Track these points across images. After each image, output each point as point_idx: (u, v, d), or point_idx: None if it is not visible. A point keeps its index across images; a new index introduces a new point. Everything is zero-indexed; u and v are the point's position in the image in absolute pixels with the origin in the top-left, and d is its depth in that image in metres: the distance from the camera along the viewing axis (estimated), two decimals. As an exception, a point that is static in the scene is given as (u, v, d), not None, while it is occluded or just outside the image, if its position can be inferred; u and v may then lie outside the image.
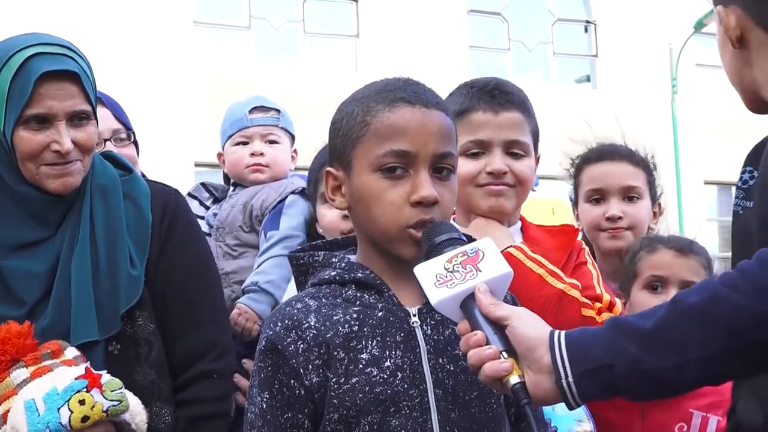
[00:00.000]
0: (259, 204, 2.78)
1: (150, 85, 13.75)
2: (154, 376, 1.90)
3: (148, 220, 1.96)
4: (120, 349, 1.89)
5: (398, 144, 1.47)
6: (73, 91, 1.87)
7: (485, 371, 1.32)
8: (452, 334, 1.49)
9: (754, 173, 1.77)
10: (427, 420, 1.44)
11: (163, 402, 1.90)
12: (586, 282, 1.98)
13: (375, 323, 1.48)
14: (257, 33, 15.67)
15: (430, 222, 1.46)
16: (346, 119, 1.53)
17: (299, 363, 1.45)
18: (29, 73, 1.82)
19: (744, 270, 1.30)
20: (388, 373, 1.44)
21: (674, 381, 1.28)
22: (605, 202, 2.56)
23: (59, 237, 1.93)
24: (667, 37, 16.75)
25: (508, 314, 1.34)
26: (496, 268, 1.38)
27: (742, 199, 1.76)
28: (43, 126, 1.86)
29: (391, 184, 1.47)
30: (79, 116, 1.89)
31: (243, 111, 2.92)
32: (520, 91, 2.03)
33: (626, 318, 1.34)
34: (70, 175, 1.89)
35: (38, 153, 1.86)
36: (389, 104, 1.49)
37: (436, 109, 1.51)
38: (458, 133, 1.98)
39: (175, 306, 1.95)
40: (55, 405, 1.71)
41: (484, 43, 16.92)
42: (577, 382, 1.29)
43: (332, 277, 1.53)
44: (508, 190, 1.98)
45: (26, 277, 1.90)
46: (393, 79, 1.56)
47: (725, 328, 1.26)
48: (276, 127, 2.91)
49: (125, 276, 1.90)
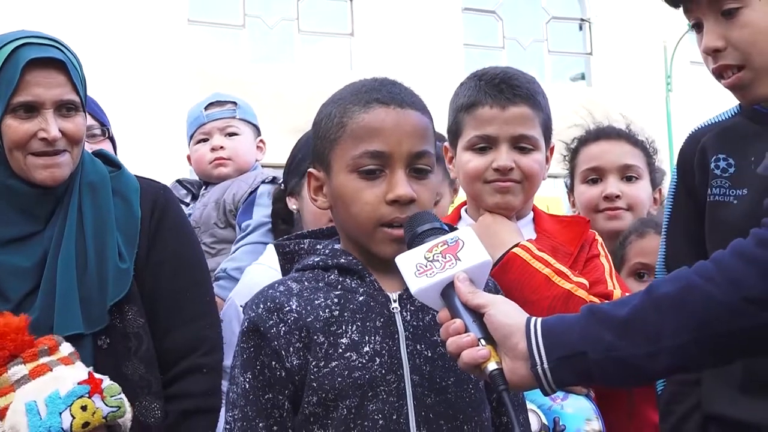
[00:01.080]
0: (230, 198, 2.81)
1: (144, 84, 13.73)
2: (143, 371, 1.91)
3: (137, 215, 1.97)
4: (109, 343, 1.90)
5: (373, 145, 1.49)
6: (61, 80, 1.89)
7: (463, 358, 1.34)
8: (432, 320, 1.50)
9: (730, 160, 1.76)
10: (403, 405, 1.46)
11: (153, 396, 1.91)
12: (598, 276, 1.96)
13: (355, 308, 1.50)
14: (252, 31, 15.66)
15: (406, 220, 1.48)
16: (325, 120, 1.56)
17: (280, 345, 1.48)
18: (17, 61, 1.85)
19: (718, 261, 1.32)
20: (366, 358, 1.46)
21: (646, 369, 1.30)
22: (603, 181, 2.50)
23: (47, 232, 1.93)
24: (661, 34, 16.77)
25: (486, 302, 1.36)
26: (475, 256, 1.39)
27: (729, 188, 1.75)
28: (30, 115, 1.87)
29: (368, 184, 1.49)
30: (66, 106, 1.90)
31: (199, 109, 2.98)
32: (530, 83, 1.99)
33: (602, 306, 1.36)
34: (57, 166, 1.90)
35: (25, 141, 1.87)
36: (364, 105, 1.51)
37: (411, 109, 1.53)
38: (465, 127, 1.99)
39: (165, 301, 1.96)
40: (57, 409, 1.72)
41: (478, 41, 16.94)
42: (552, 368, 1.30)
43: (316, 263, 1.55)
44: (515, 186, 1.97)
45: (13, 272, 1.90)
46: (370, 80, 1.59)
47: (697, 317, 1.28)
48: (233, 119, 2.95)
49: (113, 269, 1.90)
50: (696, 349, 1.28)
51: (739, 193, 1.73)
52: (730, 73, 1.69)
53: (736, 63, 1.67)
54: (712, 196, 1.76)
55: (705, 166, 1.79)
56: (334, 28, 16.14)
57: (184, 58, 14.56)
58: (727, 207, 1.73)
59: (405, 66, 15.43)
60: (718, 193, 1.75)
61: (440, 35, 16.15)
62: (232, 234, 2.79)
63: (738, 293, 1.27)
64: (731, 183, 1.74)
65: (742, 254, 1.30)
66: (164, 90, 14.02)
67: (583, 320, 1.32)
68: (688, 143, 1.88)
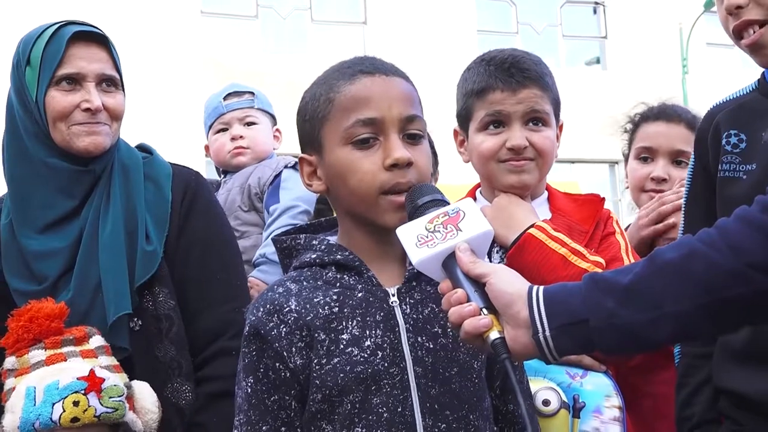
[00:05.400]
0: (255, 182, 2.85)
1: (158, 76, 13.77)
2: (174, 352, 1.93)
3: (167, 198, 2.01)
4: (141, 324, 1.93)
5: (364, 113, 1.48)
6: (102, 56, 2.00)
7: (465, 328, 1.32)
8: (431, 313, 1.50)
9: (741, 135, 1.76)
10: (407, 397, 1.46)
11: (184, 378, 1.94)
12: (614, 253, 1.96)
13: (355, 304, 1.49)
14: (264, 22, 15.67)
15: (408, 185, 1.47)
16: (311, 102, 1.55)
17: (282, 346, 1.48)
18: (61, 37, 1.96)
19: (722, 227, 1.30)
20: (368, 353, 1.46)
21: (648, 336, 1.28)
22: (653, 161, 2.52)
23: (84, 212, 1.98)
24: (676, 16, 16.64)
25: (487, 271, 1.35)
26: (476, 226, 1.38)
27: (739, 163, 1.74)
28: (73, 87, 1.96)
29: (364, 154, 1.48)
30: (107, 81, 2.00)
31: (218, 99, 3.02)
32: (537, 64, 2.01)
33: (604, 273, 1.35)
34: (98, 134, 1.97)
35: (69, 112, 1.95)
36: (349, 78, 1.51)
37: (395, 76, 1.53)
38: (476, 110, 2.00)
39: (195, 284, 1.99)
40: (51, 399, 1.74)
41: (492, 26, 16.86)
42: (553, 336, 1.29)
43: (312, 259, 1.55)
44: (529, 164, 1.98)
45: (49, 253, 1.95)
46: (350, 58, 1.58)
47: (700, 284, 1.26)
48: (252, 108, 2.99)
49: (140, 251, 1.94)
50: (698, 315, 1.27)
51: (748, 168, 1.73)
52: (751, 31, 1.68)
53: (758, 18, 1.66)
54: (723, 172, 1.76)
55: (718, 142, 1.79)
56: (347, 17, 16.12)
57: (197, 50, 14.59)
58: (737, 183, 1.73)
59: (419, 53, 15.40)
60: (728, 169, 1.75)
61: (453, 22, 16.09)
62: (255, 217, 2.82)
63: (741, 259, 1.25)
64: (741, 158, 1.74)
65: (746, 220, 1.28)
66: (179, 81, 14.06)
67: (585, 288, 1.31)
68: (704, 120, 1.88)
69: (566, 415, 1.79)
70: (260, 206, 2.84)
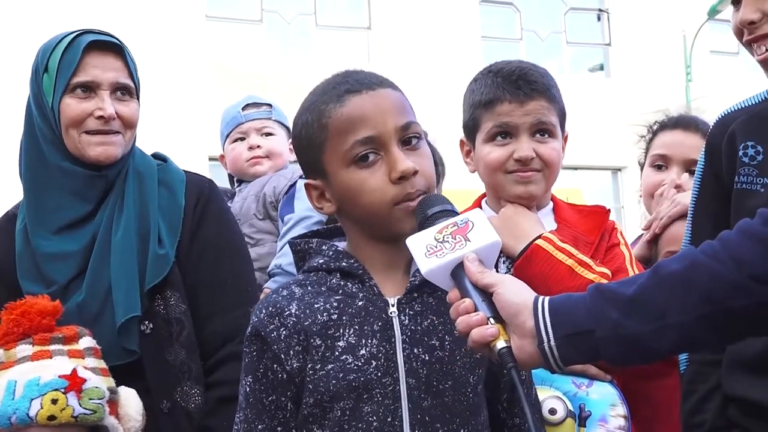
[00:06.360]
0: (271, 191, 2.89)
1: (163, 80, 13.78)
2: (184, 356, 1.96)
3: (180, 204, 2.05)
4: (152, 328, 1.96)
5: (360, 133, 1.49)
6: (118, 65, 2.03)
7: (473, 337, 1.34)
8: (430, 325, 1.52)
9: (758, 147, 1.76)
10: (398, 408, 1.47)
11: (193, 382, 1.96)
12: (618, 265, 1.97)
13: (354, 312, 1.51)
14: (269, 26, 15.69)
15: (418, 192, 1.49)
16: (304, 130, 1.56)
17: (281, 349, 1.50)
18: (78, 45, 2.00)
19: (724, 239, 1.32)
20: (362, 361, 1.48)
21: (652, 346, 1.30)
22: (667, 170, 2.53)
23: (98, 216, 2.01)
24: (680, 24, 16.65)
25: (495, 281, 1.36)
26: (484, 237, 1.40)
27: (757, 176, 1.74)
28: (88, 95, 2.00)
29: (369, 171, 1.49)
30: (121, 90, 2.03)
31: (236, 109, 3.08)
32: (544, 76, 2.02)
33: (608, 284, 1.37)
34: (111, 144, 2.00)
35: (82, 120, 1.99)
36: (337, 100, 1.52)
37: (381, 88, 1.54)
38: (483, 121, 2.01)
39: (205, 289, 2.02)
40: (30, 394, 1.75)
41: (496, 33, 16.88)
42: (558, 346, 1.31)
43: (320, 264, 1.56)
44: (536, 175, 2.00)
45: (61, 256, 1.98)
46: (332, 77, 1.58)
47: (703, 295, 1.28)
48: (269, 119, 3.05)
49: (152, 255, 1.97)
50: (701, 326, 1.28)
51: (766, 180, 1.73)
52: (764, 48, 1.70)
53: None
54: (740, 184, 1.76)
55: (733, 152, 1.79)
56: (351, 22, 16.14)
57: (202, 54, 14.62)
58: (754, 195, 1.73)
59: (423, 59, 15.42)
60: (746, 182, 1.75)
61: (458, 28, 16.11)
62: (270, 225, 2.86)
63: (744, 271, 1.27)
64: (759, 171, 1.74)
65: (748, 233, 1.31)
66: (183, 85, 14.08)
67: (590, 298, 1.33)
68: (717, 127, 1.88)
69: (572, 424, 1.80)
70: (275, 215, 2.87)
